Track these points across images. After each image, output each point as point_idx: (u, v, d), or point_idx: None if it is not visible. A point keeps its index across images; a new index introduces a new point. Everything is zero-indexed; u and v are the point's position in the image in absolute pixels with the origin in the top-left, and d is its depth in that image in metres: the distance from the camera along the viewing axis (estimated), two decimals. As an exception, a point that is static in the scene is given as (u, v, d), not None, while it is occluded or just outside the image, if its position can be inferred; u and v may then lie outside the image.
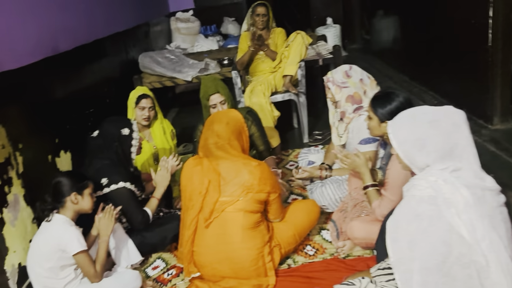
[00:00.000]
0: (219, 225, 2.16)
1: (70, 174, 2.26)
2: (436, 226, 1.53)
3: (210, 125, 2.23)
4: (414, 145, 1.62)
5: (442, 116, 1.64)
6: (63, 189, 2.14)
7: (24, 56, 2.66)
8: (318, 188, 2.72)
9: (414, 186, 1.62)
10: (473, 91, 3.51)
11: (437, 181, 1.56)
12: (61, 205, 2.15)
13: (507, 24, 3.12)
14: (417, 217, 1.56)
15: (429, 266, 1.53)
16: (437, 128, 1.61)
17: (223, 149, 2.18)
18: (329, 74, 2.69)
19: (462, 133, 1.62)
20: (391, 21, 5.57)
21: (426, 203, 1.55)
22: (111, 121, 2.57)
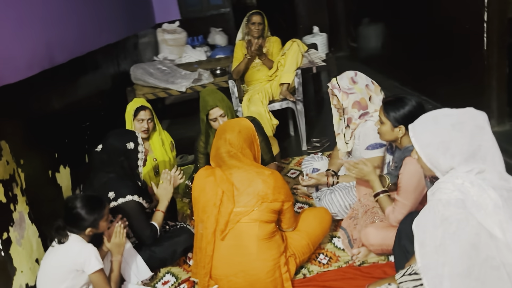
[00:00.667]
0: (234, 237, 2.12)
1: (90, 206, 2.09)
2: (464, 230, 1.51)
3: (222, 134, 2.19)
4: (437, 148, 1.61)
5: (465, 118, 1.63)
6: (80, 223, 2.07)
7: (23, 70, 2.58)
8: (327, 195, 2.70)
9: (440, 189, 1.60)
10: (469, 95, 3.56)
11: (463, 183, 1.55)
12: (76, 233, 2.09)
13: (502, 28, 3.18)
14: (445, 220, 1.54)
15: (459, 271, 1.51)
16: (460, 131, 1.60)
17: (236, 158, 2.14)
18: (334, 81, 2.68)
19: (485, 135, 1.61)
20: (379, 28, 5.65)
21: (454, 207, 1.54)
22: (116, 135, 2.50)
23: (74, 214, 2.05)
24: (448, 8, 3.70)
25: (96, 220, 2.08)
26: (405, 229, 2.09)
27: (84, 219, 2.05)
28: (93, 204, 2.09)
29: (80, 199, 2.06)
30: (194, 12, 7.49)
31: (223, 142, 2.16)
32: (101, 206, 2.11)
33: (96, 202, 2.12)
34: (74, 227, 2.07)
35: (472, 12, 3.32)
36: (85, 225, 2.06)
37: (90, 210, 2.07)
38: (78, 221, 2.05)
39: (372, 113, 2.63)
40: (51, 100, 2.93)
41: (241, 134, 2.18)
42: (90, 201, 2.10)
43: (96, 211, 2.08)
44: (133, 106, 3.16)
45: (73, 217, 2.05)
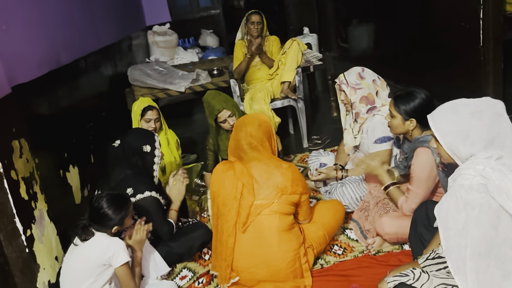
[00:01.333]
0: (255, 229, 2.16)
1: (117, 206, 2.10)
2: (487, 214, 1.58)
3: (243, 126, 2.23)
4: (458, 136, 1.66)
5: (483, 106, 1.68)
6: (108, 223, 2.08)
7: (34, 69, 2.58)
8: (338, 188, 2.76)
9: (461, 175, 1.65)
10: (465, 90, 3.65)
11: (485, 169, 1.60)
12: (104, 231, 2.10)
13: (497, 25, 3.30)
14: (467, 205, 1.60)
15: (481, 251, 1.58)
16: (480, 119, 1.65)
17: (257, 150, 2.19)
18: (341, 77, 2.75)
19: (504, 122, 1.67)
20: (370, 28, 5.76)
21: (476, 191, 1.60)
22: (135, 134, 2.51)
23: (101, 214, 2.05)
24: (443, 6, 3.81)
25: (123, 219, 2.09)
26: (420, 217, 2.17)
27: (112, 218, 2.06)
28: (119, 203, 2.10)
29: (107, 199, 2.07)
30: (184, 14, 7.51)
31: (244, 134, 2.20)
32: (126, 204, 2.12)
33: (122, 200, 2.14)
34: (102, 226, 2.07)
35: (468, 9, 3.42)
36: (112, 224, 2.08)
37: (117, 209, 2.08)
38: (105, 220, 2.06)
39: (379, 108, 2.71)
40: (59, 100, 2.93)
41: (261, 127, 2.23)
42: (116, 200, 2.10)
43: (123, 209, 2.09)
44: (140, 105, 3.17)
45: (100, 217, 2.06)
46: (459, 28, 3.58)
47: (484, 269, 1.58)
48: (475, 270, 1.59)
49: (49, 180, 2.46)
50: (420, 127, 2.33)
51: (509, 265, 1.57)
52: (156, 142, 2.50)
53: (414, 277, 1.77)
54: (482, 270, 1.58)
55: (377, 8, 5.40)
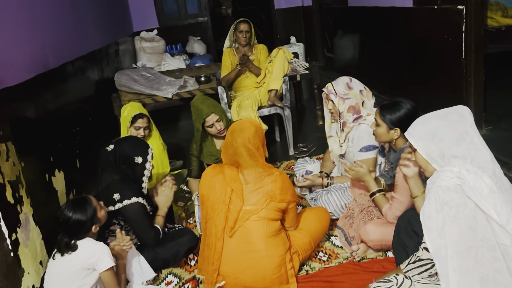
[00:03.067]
0: (243, 234, 2.18)
1: (80, 208, 2.06)
2: (463, 213, 1.64)
3: (240, 133, 2.22)
4: (427, 137, 1.77)
5: (449, 110, 1.82)
6: (84, 227, 2.06)
7: (21, 73, 2.57)
8: (324, 196, 2.80)
9: (439, 177, 1.72)
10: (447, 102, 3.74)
11: (460, 171, 1.68)
12: (85, 237, 2.09)
13: (479, 39, 3.40)
14: (445, 205, 1.67)
15: (460, 251, 1.63)
16: (445, 119, 1.78)
17: (254, 158, 2.20)
18: (330, 86, 2.79)
19: (467, 121, 1.77)
20: (356, 39, 5.85)
21: (453, 192, 1.66)
22: (130, 144, 2.48)
23: (73, 224, 2.03)
24: (427, 18, 3.91)
25: (94, 215, 2.08)
26: (403, 224, 2.21)
27: (84, 221, 2.04)
28: (80, 204, 2.08)
29: (68, 208, 2.04)
30: (172, 20, 7.55)
31: (242, 140, 2.19)
32: (87, 201, 2.10)
33: (82, 200, 2.11)
34: (81, 233, 2.06)
35: (451, 23, 3.52)
36: (88, 225, 2.06)
37: (83, 211, 2.06)
38: (81, 226, 2.04)
39: (365, 117, 2.76)
40: (46, 104, 2.92)
41: (257, 134, 2.25)
42: (76, 203, 2.08)
43: (88, 207, 2.07)
44: (131, 112, 3.15)
45: (74, 227, 2.04)
46: (442, 41, 3.68)
47: (465, 270, 1.63)
48: (458, 270, 1.63)
49: (35, 184, 2.45)
50: (404, 137, 2.38)
51: (487, 268, 1.62)
52: (149, 155, 2.48)
53: (397, 283, 1.81)
54: (463, 271, 1.63)
55: (362, 20, 5.50)
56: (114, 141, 2.51)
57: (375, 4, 4.96)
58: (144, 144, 2.51)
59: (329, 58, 7.23)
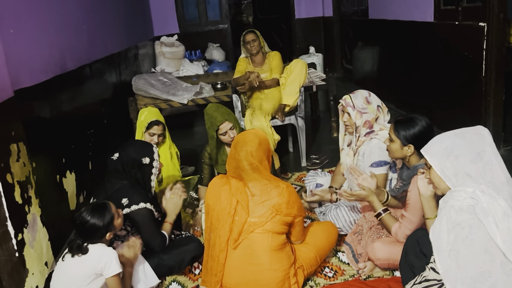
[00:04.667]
0: (247, 246, 2.15)
1: (99, 213, 2.07)
2: (477, 235, 1.59)
3: (243, 146, 2.20)
4: (443, 154, 1.75)
5: (467, 129, 1.80)
6: (99, 233, 2.07)
7: (38, 74, 2.61)
8: (333, 210, 2.76)
9: (452, 197, 1.69)
10: (466, 119, 3.69)
11: (474, 191, 1.64)
12: (98, 242, 2.10)
13: (500, 57, 3.33)
14: (457, 225, 1.63)
15: (473, 275, 1.58)
16: (462, 138, 1.76)
17: (257, 171, 2.18)
18: (348, 99, 2.75)
19: (486, 141, 1.74)
20: (375, 52, 5.80)
21: (466, 212, 1.62)
22: (133, 147, 2.50)
23: (89, 228, 2.04)
24: (448, 34, 3.85)
25: (110, 223, 2.09)
26: (411, 244, 2.16)
27: (100, 227, 2.05)
28: (100, 210, 2.09)
29: (87, 212, 2.06)
30: (192, 26, 7.60)
31: (245, 154, 2.18)
32: (107, 208, 2.10)
33: (102, 206, 2.12)
34: (95, 238, 2.07)
35: (471, 39, 3.46)
36: (103, 232, 2.07)
37: (101, 216, 2.07)
38: (95, 232, 2.05)
39: (377, 132, 2.72)
40: (61, 106, 2.96)
41: (261, 146, 2.22)
42: (96, 209, 2.09)
43: (106, 214, 2.08)
44: (148, 117, 3.15)
45: (89, 231, 2.04)
46: (463, 58, 3.61)
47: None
48: None
49: (44, 185, 2.47)
50: (418, 154, 2.33)
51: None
52: (155, 153, 2.51)
53: (402, 304, 1.77)
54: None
55: (382, 33, 5.46)
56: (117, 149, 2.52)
57: (395, 17, 4.92)
58: (147, 144, 2.53)
59: (348, 69, 7.19)
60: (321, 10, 7.69)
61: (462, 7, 3.59)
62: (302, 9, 7.70)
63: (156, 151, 2.52)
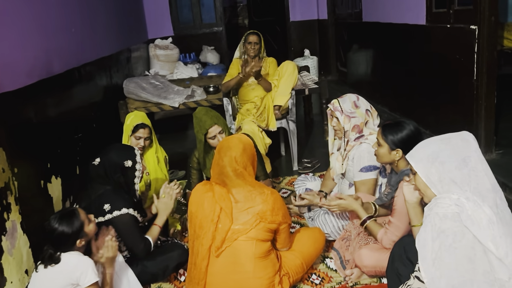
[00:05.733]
0: (230, 254, 2.11)
1: (67, 220, 2.03)
2: (461, 243, 1.56)
3: (227, 151, 2.16)
4: (428, 160, 1.72)
5: (452, 135, 1.77)
6: (69, 240, 2.02)
7: (22, 78, 2.57)
8: (321, 216, 2.72)
9: (437, 204, 1.66)
10: (458, 123, 3.65)
11: (459, 198, 1.62)
12: (70, 250, 2.05)
13: (491, 60, 3.29)
14: (441, 233, 1.60)
15: (455, 284, 1.55)
16: (448, 143, 1.73)
17: (242, 177, 2.14)
18: (336, 103, 2.71)
19: (471, 147, 1.71)
20: (369, 55, 5.78)
21: (451, 220, 1.59)
22: (115, 151, 2.47)
23: (58, 235, 1.99)
24: (440, 39, 3.82)
25: (80, 229, 2.04)
26: (398, 251, 2.13)
27: (69, 234, 2.01)
28: (68, 217, 2.04)
29: (55, 219, 2.01)
30: (187, 29, 7.57)
31: (229, 159, 2.13)
32: (75, 215, 2.06)
33: (70, 213, 2.07)
34: (65, 246, 2.02)
35: (463, 42, 3.43)
36: (73, 239, 2.03)
37: (70, 223, 2.02)
38: (65, 239, 2.01)
39: (366, 136, 2.68)
40: (47, 110, 2.91)
41: (245, 152, 2.18)
42: (64, 216, 2.05)
43: (74, 221, 2.03)
44: (134, 121, 3.12)
45: (58, 239, 2.00)
46: (454, 61, 3.58)
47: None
48: None
49: (27, 191, 2.43)
50: (405, 159, 2.30)
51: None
52: (137, 156, 2.47)
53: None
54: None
55: (376, 36, 5.43)
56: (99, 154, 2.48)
57: (388, 20, 4.89)
58: (128, 147, 2.50)
59: (343, 72, 7.15)
60: (316, 13, 7.67)
61: (454, 10, 3.56)
62: (297, 12, 7.67)
63: (138, 154, 2.48)
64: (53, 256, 1.99)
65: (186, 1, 7.56)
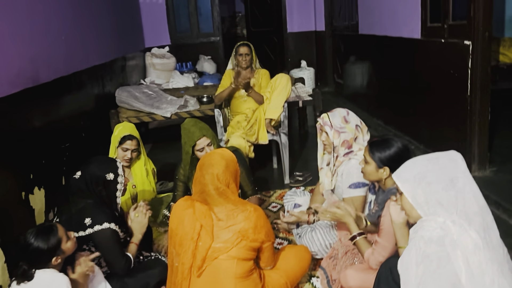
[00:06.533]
0: (210, 273, 2.04)
1: (43, 236, 1.96)
2: (445, 268, 1.51)
3: (209, 168, 2.09)
4: (414, 180, 1.66)
5: (440, 154, 1.72)
6: (43, 257, 1.95)
7: (5, 86, 2.52)
8: (308, 233, 2.66)
9: (422, 227, 1.61)
10: (451, 139, 3.60)
11: (445, 221, 1.57)
12: (45, 267, 1.97)
13: (485, 76, 3.25)
14: (426, 258, 1.55)
15: None
16: (435, 163, 1.68)
17: (224, 195, 2.07)
18: (325, 118, 2.66)
19: (459, 167, 1.66)
20: (365, 67, 5.75)
21: (435, 244, 1.55)
22: (96, 163, 2.41)
23: (32, 251, 1.92)
24: (434, 53, 3.78)
25: (57, 247, 1.97)
26: (384, 273, 2.07)
27: (44, 251, 1.93)
28: (45, 232, 1.97)
29: (31, 234, 1.94)
30: (184, 38, 7.56)
31: (210, 177, 2.07)
32: (53, 231, 1.98)
33: (47, 229, 2.00)
34: (39, 263, 1.95)
35: (457, 57, 3.39)
36: (48, 256, 1.95)
37: (45, 240, 1.95)
38: (39, 256, 1.94)
39: (356, 152, 2.63)
40: (31, 119, 2.86)
41: (228, 169, 2.11)
42: (41, 231, 1.98)
43: (51, 237, 1.96)
44: (121, 132, 3.08)
45: (32, 254, 1.93)
46: (448, 76, 3.54)
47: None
48: None
49: (6, 202, 2.36)
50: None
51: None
52: (119, 168, 2.42)
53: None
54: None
55: (372, 48, 5.40)
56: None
57: (384, 33, 4.86)
58: (110, 160, 2.44)
59: (339, 84, 7.13)
60: (314, 24, 7.66)
61: (448, 25, 3.52)
62: (294, 23, 7.66)
63: (120, 166, 2.43)
64: (26, 273, 1.92)
65: (183, 10, 7.55)
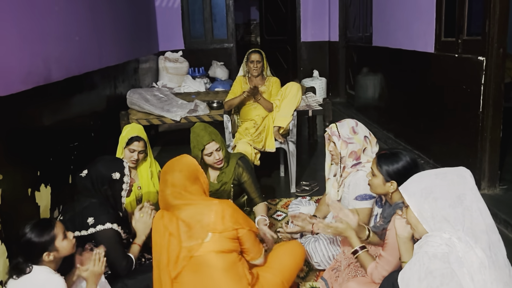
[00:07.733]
0: (192, 272, 2.02)
1: (38, 229, 1.98)
2: (448, 286, 1.49)
3: (163, 176, 2.15)
4: (421, 194, 1.65)
5: (448, 170, 1.71)
6: (33, 249, 1.95)
7: (16, 84, 2.55)
8: (311, 243, 2.63)
9: (427, 242, 1.59)
10: (461, 155, 3.56)
11: (451, 238, 1.55)
12: (38, 263, 1.97)
13: (498, 92, 3.21)
14: (429, 274, 1.53)
15: None
16: (443, 179, 1.66)
17: (180, 197, 2.08)
18: (333, 128, 2.65)
19: (467, 184, 1.64)
20: (377, 79, 5.72)
21: (440, 261, 1.53)
22: (102, 162, 2.42)
23: (24, 243, 1.93)
24: (447, 68, 3.75)
25: (49, 242, 1.97)
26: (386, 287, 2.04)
27: (35, 244, 1.94)
28: (41, 226, 1.99)
29: (29, 226, 1.96)
30: (198, 43, 7.60)
31: (165, 185, 2.11)
32: (50, 226, 1.99)
33: (45, 223, 2.02)
34: (30, 256, 1.94)
35: (470, 73, 3.35)
36: (39, 250, 1.95)
37: (40, 233, 1.96)
38: (30, 248, 1.94)
39: (364, 163, 2.60)
40: (41, 116, 2.88)
41: (182, 173, 2.12)
42: (38, 224, 2.00)
43: (46, 232, 1.97)
44: (129, 133, 3.08)
45: (24, 246, 1.94)
46: (461, 91, 3.51)
47: None
48: None
49: (11, 199, 2.37)
50: None
51: None
52: (125, 168, 2.43)
53: None
54: None
55: (385, 61, 5.37)
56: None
57: (398, 46, 4.84)
58: (117, 160, 2.45)
59: (351, 95, 7.10)
60: (327, 34, 7.66)
61: (462, 40, 3.49)
62: (308, 33, 7.67)
63: (127, 166, 2.43)
64: (20, 265, 1.92)
65: (198, 16, 7.61)
